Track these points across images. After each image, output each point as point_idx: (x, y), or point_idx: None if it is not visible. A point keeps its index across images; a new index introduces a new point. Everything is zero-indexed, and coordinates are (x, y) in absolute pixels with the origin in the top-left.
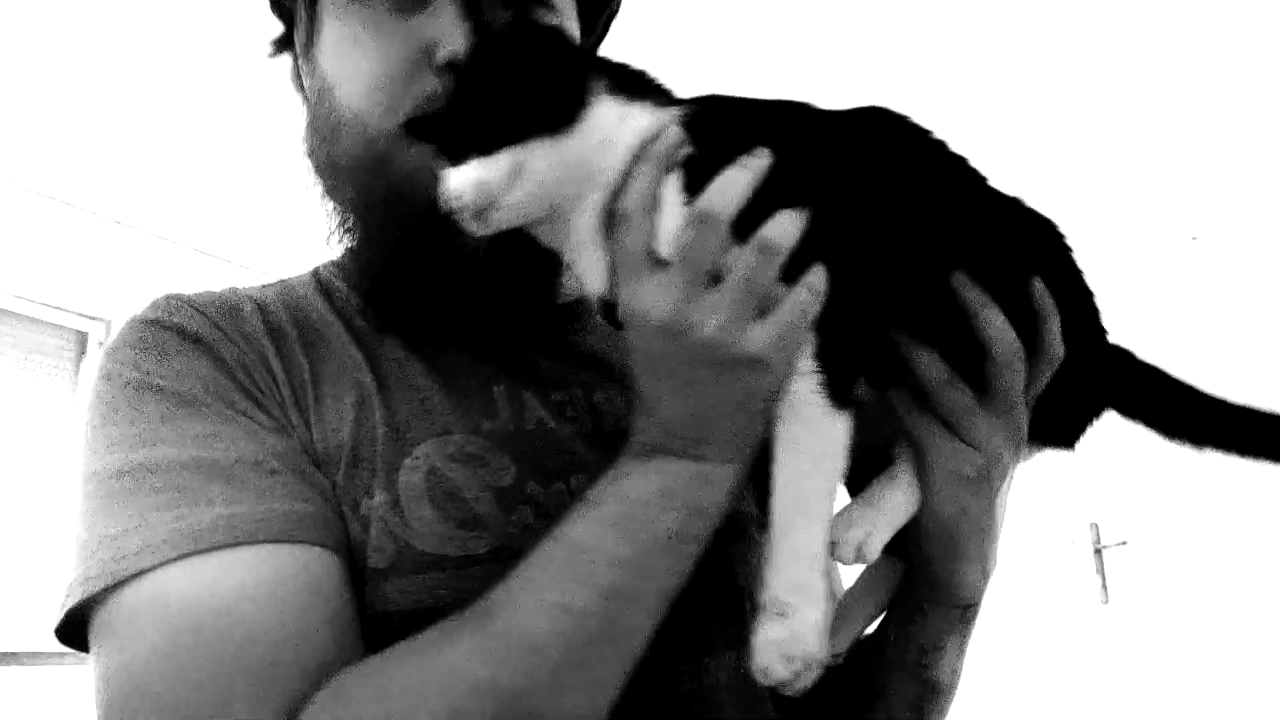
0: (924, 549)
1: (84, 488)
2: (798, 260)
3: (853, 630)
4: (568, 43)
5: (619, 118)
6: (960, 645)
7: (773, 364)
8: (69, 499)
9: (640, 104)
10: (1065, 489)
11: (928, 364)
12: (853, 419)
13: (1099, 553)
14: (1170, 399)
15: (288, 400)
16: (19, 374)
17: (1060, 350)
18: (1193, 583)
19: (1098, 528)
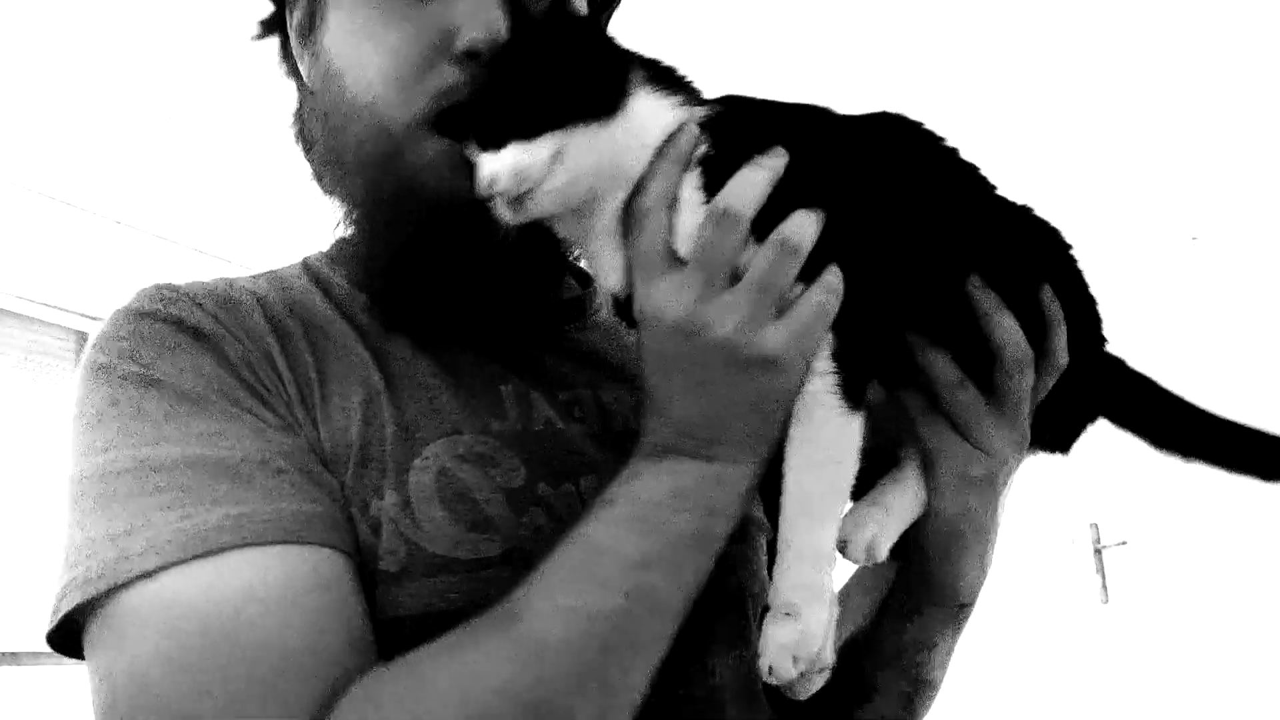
0: (926, 550)
1: (79, 486)
2: (812, 261)
3: (846, 630)
4: (606, 33)
5: (654, 111)
6: (952, 643)
7: (789, 364)
8: (60, 498)
9: (673, 99)
10: (1065, 489)
11: (940, 366)
12: (865, 420)
13: (1099, 553)
14: (1160, 410)
15: (293, 398)
16: (19, 374)
17: (1065, 357)
18: (1193, 583)
19: (1098, 528)
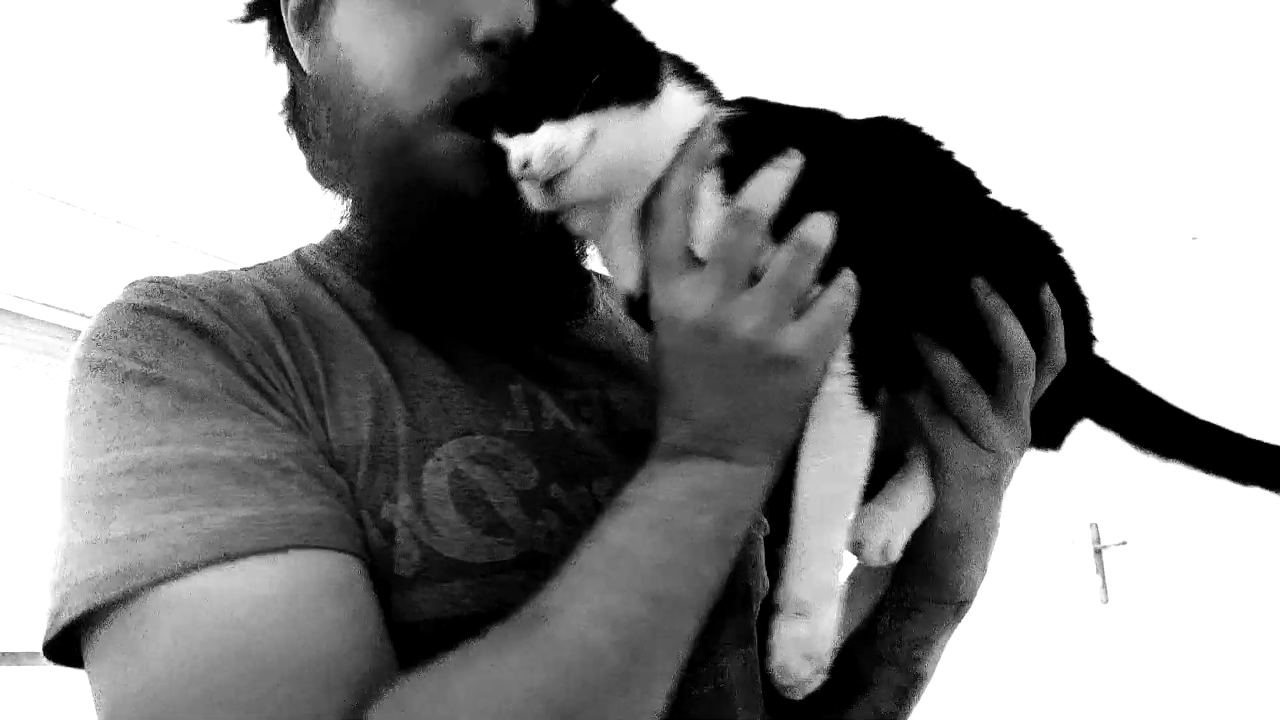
0: (931, 548)
1: (77, 488)
2: (826, 263)
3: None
4: (633, 25)
5: (685, 105)
6: (948, 639)
7: (809, 364)
8: (54, 499)
9: (699, 95)
10: (1065, 489)
11: (948, 367)
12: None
13: (1099, 553)
14: (1140, 411)
15: (300, 395)
16: (19, 374)
17: (1063, 356)
18: (1193, 583)
19: (1098, 528)
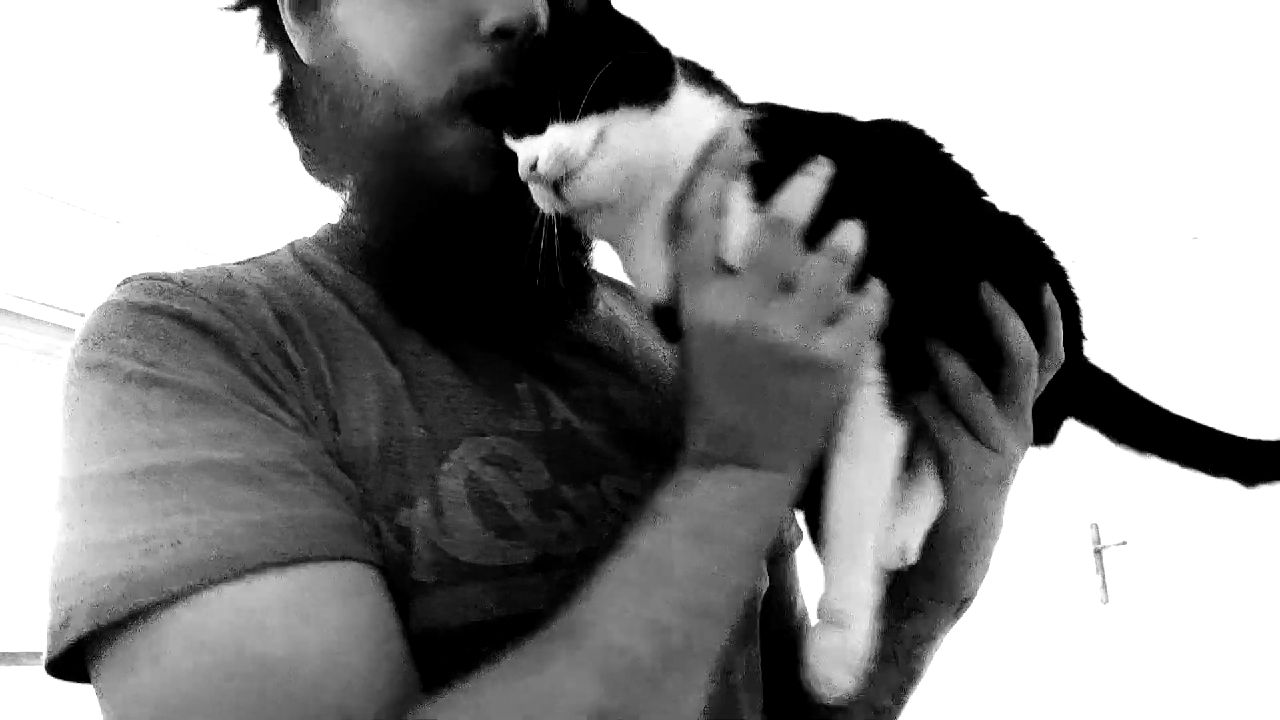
0: (937, 548)
1: (79, 491)
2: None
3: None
4: (644, 28)
5: (697, 109)
6: (945, 636)
7: (841, 371)
8: (54, 503)
9: (715, 100)
10: (1065, 489)
11: (956, 369)
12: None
13: (1099, 553)
14: (1119, 407)
15: (308, 395)
16: (20, 374)
17: (1062, 354)
18: (1193, 583)
19: (1098, 528)
